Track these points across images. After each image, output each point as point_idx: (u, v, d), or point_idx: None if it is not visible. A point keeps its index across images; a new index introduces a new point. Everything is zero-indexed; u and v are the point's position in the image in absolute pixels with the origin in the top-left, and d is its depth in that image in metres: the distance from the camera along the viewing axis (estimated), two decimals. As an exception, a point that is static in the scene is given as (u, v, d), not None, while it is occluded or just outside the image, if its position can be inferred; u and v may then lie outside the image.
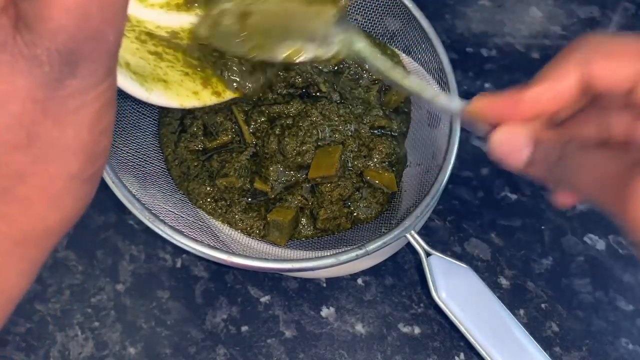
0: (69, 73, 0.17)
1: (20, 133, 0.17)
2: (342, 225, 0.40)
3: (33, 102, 0.16)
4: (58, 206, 0.19)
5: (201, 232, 0.37)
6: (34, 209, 0.18)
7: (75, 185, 0.19)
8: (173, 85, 0.34)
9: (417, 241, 0.37)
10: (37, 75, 0.16)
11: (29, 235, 0.19)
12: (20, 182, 0.18)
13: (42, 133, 0.17)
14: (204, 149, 0.41)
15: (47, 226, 0.19)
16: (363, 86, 0.44)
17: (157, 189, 0.39)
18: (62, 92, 0.17)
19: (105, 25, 0.17)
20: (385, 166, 0.41)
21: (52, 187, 0.18)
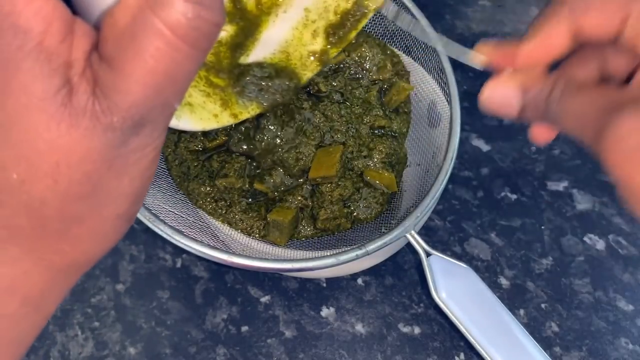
0: (135, 134, 0.18)
1: (88, 187, 0.18)
2: (342, 225, 0.40)
3: (103, 160, 0.18)
4: (103, 241, 0.21)
5: (201, 232, 0.37)
6: (83, 245, 0.20)
7: (120, 224, 0.21)
8: (197, 108, 0.34)
9: (417, 241, 0.37)
10: (110, 138, 0.18)
11: (74, 265, 0.21)
12: (77, 224, 0.19)
13: (104, 185, 0.19)
14: (203, 149, 0.41)
15: (90, 257, 0.21)
16: (363, 86, 0.44)
17: (157, 189, 0.39)
18: (126, 150, 0.18)
19: (174, 96, 0.18)
20: (385, 166, 0.41)
21: (102, 228, 0.20)
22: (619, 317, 0.41)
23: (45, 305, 0.21)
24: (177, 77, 0.17)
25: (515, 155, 0.48)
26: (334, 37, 0.35)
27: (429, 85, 0.44)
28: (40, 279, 0.20)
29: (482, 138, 0.49)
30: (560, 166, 0.48)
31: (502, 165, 0.48)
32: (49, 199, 0.18)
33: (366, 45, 0.44)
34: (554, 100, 0.24)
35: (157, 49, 0.16)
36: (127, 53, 0.17)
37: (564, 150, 0.49)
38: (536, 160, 0.48)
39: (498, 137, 0.49)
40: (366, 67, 0.44)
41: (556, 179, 0.47)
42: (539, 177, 0.47)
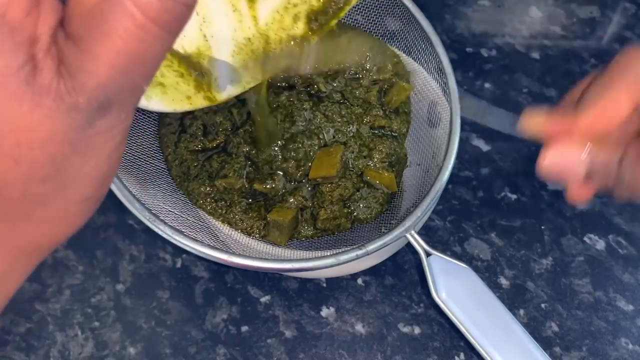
0: (101, 116, 0.18)
1: (51, 168, 0.18)
2: (342, 225, 0.40)
3: (68, 142, 0.17)
4: (68, 223, 0.21)
5: (201, 232, 0.37)
6: (47, 227, 0.20)
7: (86, 206, 0.20)
8: (169, 89, 0.34)
9: (417, 241, 0.37)
10: (74, 119, 0.17)
11: (38, 247, 0.21)
12: (40, 206, 0.19)
13: (69, 166, 0.18)
14: (203, 149, 0.41)
15: (55, 240, 0.21)
16: (364, 86, 0.44)
17: (157, 189, 0.39)
18: (92, 132, 0.18)
19: (143, 79, 0.18)
20: (386, 166, 0.41)
21: (67, 210, 0.20)
22: (619, 317, 0.41)
23: (5, 287, 0.21)
24: (146, 60, 0.17)
25: (515, 155, 0.48)
26: (315, 24, 0.35)
27: (429, 85, 0.44)
28: (1, 260, 0.20)
29: (482, 138, 0.49)
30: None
31: (502, 165, 0.48)
32: (10, 180, 0.18)
33: (367, 46, 0.44)
34: (628, 165, 0.23)
35: (126, 30, 0.16)
36: (94, 32, 0.16)
37: (564, 150, 0.49)
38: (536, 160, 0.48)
39: (498, 137, 0.49)
40: (367, 68, 0.44)
41: (556, 179, 0.47)
42: (539, 177, 0.47)
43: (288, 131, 0.40)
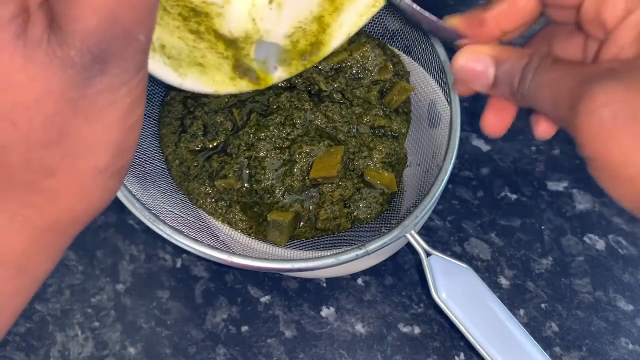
0: (99, 70, 0.17)
1: (53, 131, 0.17)
2: (342, 226, 0.40)
3: (66, 101, 0.17)
4: (85, 198, 0.19)
5: (201, 232, 0.37)
6: (61, 200, 0.19)
7: (102, 179, 0.19)
8: (210, 69, 0.34)
9: (417, 241, 0.37)
10: (70, 75, 0.16)
11: (56, 224, 0.20)
12: (49, 175, 0.18)
13: (73, 130, 0.17)
14: (203, 149, 0.41)
15: (73, 216, 0.20)
16: (364, 86, 0.44)
17: (157, 189, 0.39)
18: (93, 90, 0.17)
19: (135, 26, 0.17)
20: (385, 166, 0.41)
21: (80, 181, 0.19)
22: (619, 317, 0.41)
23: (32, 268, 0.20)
24: (134, 4, 0.16)
25: (515, 155, 0.48)
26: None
27: (429, 85, 0.44)
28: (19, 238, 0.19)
29: (482, 138, 0.49)
30: (560, 166, 0.48)
31: (502, 165, 0.48)
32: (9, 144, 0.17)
33: (368, 46, 0.44)
34: (529, 73, 0.24)
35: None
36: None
37: (564, 150, 0.49)
38: (536, 160, 0.48)
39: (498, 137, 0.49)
40: (368, 68, 0.44)
41: (556, 179, 0.47)
42: (539, 177, 0.47)
43: (288, 137, 0.40)
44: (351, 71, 0.44)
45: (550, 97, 0.22)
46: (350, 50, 0.44)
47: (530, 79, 0.23)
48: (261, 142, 0.39)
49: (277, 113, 0.40)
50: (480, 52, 0.26)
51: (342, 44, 0.40)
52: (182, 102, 0.43)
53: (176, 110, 0.43)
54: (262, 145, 0.39)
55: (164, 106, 0.44)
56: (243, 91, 0.36)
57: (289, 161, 0.39)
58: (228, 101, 0.42)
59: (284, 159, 0.39)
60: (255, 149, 0.39)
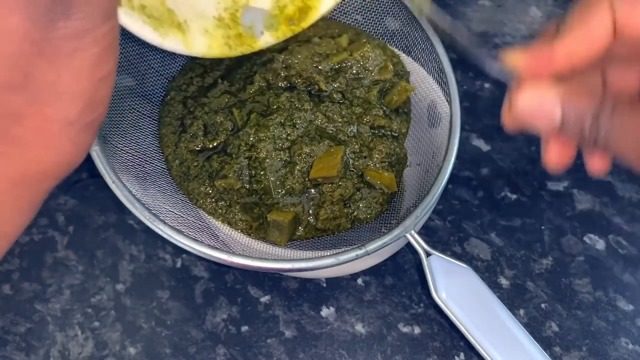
0: (62, 14, 0.16)
1: (16, 73, 0.17)
2: (342, 225, 0.40)
3: (29, 42, 0.16)
4: (55, 149, 0.19)
5: (201, 232, 0.37)
6: (30, 150, 0.18)
7: (73, 131, 0.19)
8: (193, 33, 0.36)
9: (417, 241, 0.37)
10: (32, 14, 0.16)
11: (26, 176, 0.19)
12: (16, 122, 0.18)
13: (38, 75, 0.17)
14: (203, 149, 0.41)
15: (43, 168, 0.19)
16: (364, 86, 0.44)
17: (157, 189, 0.39)
18: (57, 34, 0.17)
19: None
20: (385, 166, 0.41)
21: (48, 130, 0.18)
22: (619, 317, 0.41)
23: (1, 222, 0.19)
24: None
25: (515, 155, 0.48)
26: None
27: (429, 85, 0.44)
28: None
29: (482, 138, 0.49)
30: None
31: (502, 165, 0.48)
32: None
33: (369, 46, 0.44)
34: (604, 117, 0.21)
35: None
36: None
37: (564, 150, 0.49)
38: (536, 160, 0.48)
39: (498, 137, 0.49)
40: (368, 68, 0.44)
41: (556, 179, 0.47)
42: (539, 177, 0.47)
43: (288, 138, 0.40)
44: (351, 71, 0.44)
45: (635, 143, 0.20)
46: (350, 50, 0.44)
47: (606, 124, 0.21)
48: (261, 143, 0.39)
49: (277, 113, 0.40)
50: (546, 91, 0.23)
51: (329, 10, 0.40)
52: (182, 102, 0.43)
53: (176, 110, 0.43)
54: (263, 146, 0.39)
55: (163, 106, 0.44)
56: (227, 56, 0.36)
57: (290, 162, 0.39)
58: (228, 101, 0.42)
59: (284, 159, 0.39)
60: (256, 149, 0.39)
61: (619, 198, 0.46)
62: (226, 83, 0.43)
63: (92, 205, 0.44)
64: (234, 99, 0.42)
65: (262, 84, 0.42)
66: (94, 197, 0.45)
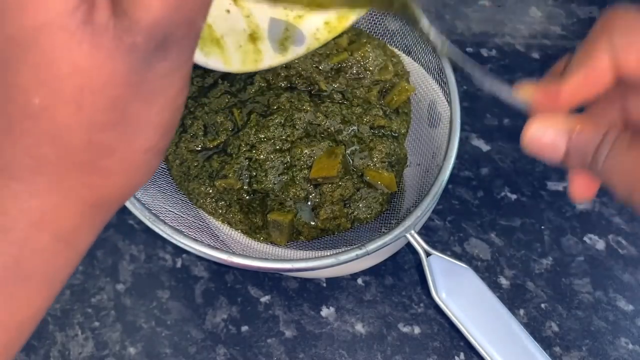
0: (161, 57, 0.17)
1: (114, 114, 0.18)
2: (342, 225, 0.40)
3: (128, 85, 0.17)
4: (133, 176, 0.20)
5: (201, 232, 0.37)
6: (113, 179, 0.20)
7: (150, 157, 0.20)
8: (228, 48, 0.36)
9: (417, 241, 0.37)
10: (134, 60, 0.17)
11: (105, 201, 0.21)
12: (107, 156, 0.19)
13: (132, 113, 0.18)
14: (204, 149, 0.41)
15: (121, 193, 0.21)
16: (364, 86, 0.44)
17: (157, 189, 0.39)
18: (153, 74, 0.18)
19: (196, 12, 0.18)
20: (385, 166, 0.41)
21: (133, 160, 0.19)
22: (619, 317, 0.41)
23: (78, 242, 0.21)
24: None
25: (515, 155, 0.48)
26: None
27: (428, 85, 0.44)
28: (70, 213, 0.20)
29: (482, 138, 0.49)
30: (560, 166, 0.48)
31: (502, 165, 0.48)
32: (73, 126, 0.17)
33: (369, 46, 0.44)
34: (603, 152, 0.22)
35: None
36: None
37: (564, 150, 0.49)
38: (536, 160, 0.48)
39: (498, 137, 0.49)
40: (368, 68, 0.44)
41: (556, 179, 0.47)
42: (539, 177, 0.47)
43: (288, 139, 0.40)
44: (351, 71, 0.44)
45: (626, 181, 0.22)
46: (350, 50, 0.44)
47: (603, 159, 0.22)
48: (262, 144, 0.39)
49: (277, 114, 0.40)
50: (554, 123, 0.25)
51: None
52: None
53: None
54: (263, 147, 0.39)
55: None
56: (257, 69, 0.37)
57: (290, 163, 0.39)
58: (228, 101, 0.42)
59: (285, 161, 0.39)
60: (256, 150, 0.39)
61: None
62: (226, 83, 0.43)
63: (92, 205, 0.44)
64: (234, 99, 0.42)
65: (262, 84, 0.42)
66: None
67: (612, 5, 0.25)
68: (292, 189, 0.39)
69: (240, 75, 0.43)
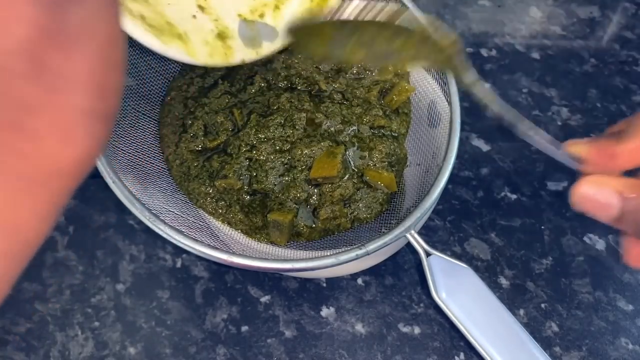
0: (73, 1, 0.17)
1: (26, 60, 0.16)
2: (342, 225, 0.40)
3: (37, 27, 0.16)
4: (69, 141, 0.18)
5: (201, 232, 0.37)
6: (44, 143, 0.18)
7: (86, 121, 0.18)
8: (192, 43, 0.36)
9: (417, 241, 0.37)
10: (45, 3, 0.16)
11: (42, 174, 0.18)
12: (29, 114, 0.17)
13: (48, 61, 0.17)
14: (204, 149, 0.41)
15: (59, 165, 0.18)
16: (364, 86, 0.44)
17: (157, 189, 0.39)
18: (68, 21, 0.17)
19: None
20: (385, 166, 0.41)
21: (62, 120, 0.18)
22: (619, 317, 0.41)
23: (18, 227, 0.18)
24: None
25: (515, 155, 0.48)
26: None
27: (428, 85, 0.44)
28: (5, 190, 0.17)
29: (482, 138, 0.49)
30: (560, 166, 0.48)
31: (502, 165, 0.48)
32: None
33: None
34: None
35: None
36: None
37: (564, 150, 0.49)
38: (536, 160, 0.48)
39: (498, 137, 0.49)
40: (369, 68, 0.44)
41: (556, 179, 0.47)
42: (539, 177, 0.47)
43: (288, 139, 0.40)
44: (351, 72, 0.44)
45: None
46: None
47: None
48: (262, 144, 0.39)
49: (277, 114, 0.40)
50: (606, 185, 0.25)
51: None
52: (183, 103, 0.43)
53: (177, 110, 0.43)
54: (263, 147, 0.39)
55: (164, 106, 0.44)
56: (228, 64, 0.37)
57: (290, 164, 0.39)
58: (228, 101, 0.42)
59: (285, 162, 0.39)
60: (257, 150, 0.39)
61: (619, 198, 0.47)
62: (227, 83, 0.43)
63: (92, 205, 0.44)
64: (234, 100, 0.42)
65: (262, 84, 0.42)
66: (94, 197, 0.45)
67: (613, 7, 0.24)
68: (293, 190, 0.39)
69: (240, 75, 0.43)
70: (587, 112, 0.52)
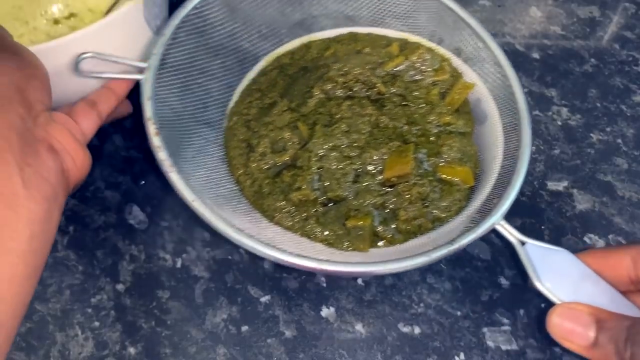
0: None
1: None
2: (424, 226, 0.39)
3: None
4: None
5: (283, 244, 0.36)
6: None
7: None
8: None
9: (509, 231, 0.36)
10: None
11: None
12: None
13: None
14: (273, 166, 0.41)
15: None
16: (423, 87, 0.44)
17: (231, 210, 0.38)
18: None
19: None
20: (458, 162, 0.40)
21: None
22: (619, 317, 0.41)
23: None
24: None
25: (515, 155, 0.48)
26: None
27: (477, 85, 0.45)
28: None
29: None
30: (560, 166, 0.48)
31: (502, 165, 0.48)
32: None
33: (423, 47, 0.45)
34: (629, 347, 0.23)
35: None
36: None
37: (564, 150, 0.49)
38: (536, 160, 0.48)
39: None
40: (425, 70, 0.44)
41: (556, 179, 0.47)
42: (539, 177, 0.47)
43: (354, 144, 0.40)
44: (407, 74, 0.44)
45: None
46: (405, 54, 0.44)
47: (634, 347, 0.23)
48: (331, 152, 0.40)
49: (341, 122, 0.41)
50: (579, 311, 0.26)
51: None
52: (245, 125, 0.43)
53: (240, 133, 0.43)
54: (333, 155, 0.39)
55: (227, 131, 0.44)
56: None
57: (362, 169, 0.40)
58: (291, 117, 0.42)
59: (356, 167, 0.40)
60: (327, 159, 0.39)
61: (619, 198, 0.47)
62: (286, 100, 0.43)
63: (92, 205, 0.44)
64: (296, 115, 0.42)
65: (321, 96, 0.43)
66: (94, 197, 0.45)
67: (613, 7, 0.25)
68: (368, 195, 0.39)
69: (297, 91, 0.44)
70: (587, 112, 0.52)
